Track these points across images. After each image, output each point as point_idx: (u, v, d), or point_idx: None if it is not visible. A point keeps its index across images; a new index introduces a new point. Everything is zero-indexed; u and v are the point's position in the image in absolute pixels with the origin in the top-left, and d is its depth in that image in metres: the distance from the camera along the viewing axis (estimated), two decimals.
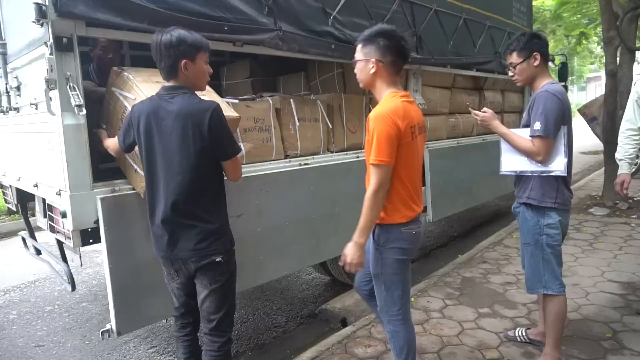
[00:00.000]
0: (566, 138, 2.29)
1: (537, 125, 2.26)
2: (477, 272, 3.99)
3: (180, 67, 1.84)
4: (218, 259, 1.92)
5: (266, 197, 2.75)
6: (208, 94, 2.28)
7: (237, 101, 2.51)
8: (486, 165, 5.08)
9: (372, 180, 1.88)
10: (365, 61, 1.97)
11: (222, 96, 3.32)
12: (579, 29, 11.41)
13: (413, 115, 1.95)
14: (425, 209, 4.17)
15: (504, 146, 2.47)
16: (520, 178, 2.46)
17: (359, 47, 2.01)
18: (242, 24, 2.50)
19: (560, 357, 2.47)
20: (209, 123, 1.80)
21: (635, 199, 6.14)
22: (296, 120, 3.06)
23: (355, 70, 2.04)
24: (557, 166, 2.29)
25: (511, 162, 2.44)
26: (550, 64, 8.98)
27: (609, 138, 6.04)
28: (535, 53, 2.37)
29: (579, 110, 7.17)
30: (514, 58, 2.43)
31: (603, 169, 6.45)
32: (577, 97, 33.65)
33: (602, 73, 7.42)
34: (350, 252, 1.93)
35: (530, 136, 2.30)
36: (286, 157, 3.01)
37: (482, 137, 5.30)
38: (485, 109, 2.58)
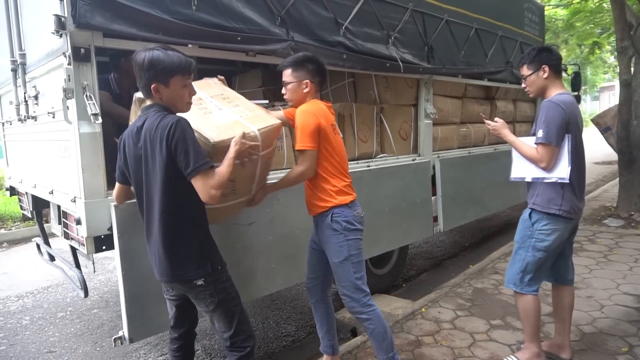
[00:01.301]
0: (570, 146, 2.34)
1: (540, 133, 2.35)
2: (489, 282, 3.95)
3: (151, 90, 1.77)
4: (199, 282, 1.85)
5: (277, 206, 2.76)
6: (243, 106, 2.19)
7: (266, 102, 2.55)
8: (498, 174, 5.05)
9: (302, 163, 2.23)
10: (298, 83, 2.31)
11: None
12: (592, 38, 11.33)
13: (330, 116, 2.36)
14: (436, 219, 4.15)
15: (514, 153, 2.56)
16: (529, 184, 2.53)
17: (288, 71, 2.31)
18: (254, 34, 2.54)
19: (540, 351, 2.54)
20: (167, 137, 1.67)
21: None
22: None
23: (286, 91, 2.33)
24: (560, 173, 2.35)
25: (520, 169, 2.52)
26: (563, 73, 8.86)
27: (623, 148, 5.96)
28: (544, 66, 2.45)
29: (593, 120, 7.09)
30: (525, 70, 2.54)
31: (617, 179, 6.36)
32: (591, 107, 33.31)
33: (616, 82, 7.34)
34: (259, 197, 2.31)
35: (534, 143, 2.40)
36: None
37: (494, 146, 5.27)
38: (496, 118, 2.69)
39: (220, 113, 2.04)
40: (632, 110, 5.87)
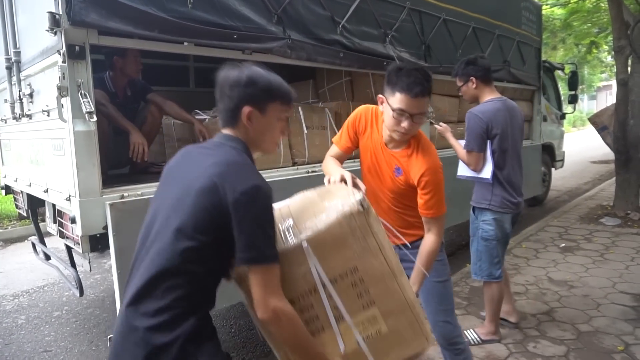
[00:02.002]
0: (492, 150, 2.65)
1: (464, 141, 2.72)
2: None
3: (241, 115, 1.30)
4: None
5: None
6: (384, 302, 1.31)
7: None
8: None
9: (439, 231, 1.86)
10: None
11: None
12: (589, 37, 11.35)
13: None
14: None
15: None
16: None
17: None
18: (251, 32, 2.53)
19: (497, 331, 2.90)
20: (234, 203, 1.15)
21: None
22: (304, 127, 3.08)
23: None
24: (485, 174, 2.70)
25: (462, 168, 2.84)
26: (560, 72, 8.84)
27: (620, 147, 5.97)
28: (471, 77, 2.73)
29: (590, 119, 7.12)
30: (457, 82, 2.83)
31: (614, 178, 6.37)
32: (588, 106, 33.39)
33: (613, 82, 7.36)
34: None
35: None
36: (294, 164, 3.02)
37: None
38: (441, 122, 3.06)
39: (337, 339, 1.25)
40: (629, 110, 5.88)
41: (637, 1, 6.20)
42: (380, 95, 1.83)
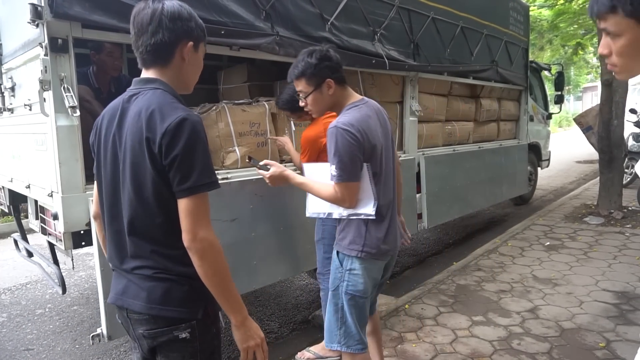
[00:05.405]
0: (371, 174, 1.85)
1: (334, 170, 1.81)
2: (472, 279, 3.98)
3: (178, 51, 1.26)
4: (182, 335, 1.24)
5: (260, 202, 2.74)
6: None
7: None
8: (482, 172, 5.09)
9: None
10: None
11: (218, 100, 3.32)
12: (575, 39, 11.50)
13: None
14: (420, 216, 4.17)
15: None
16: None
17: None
18: (239, 28, 2.50)
19: None
20: (161, 138, 1.15)
21: (629, 208, 6.16)
22: (292, 125, 3.06)
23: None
24: (366, 209, 1.86)
25: (316, 204, 2.02)
26: (547, 73, 8.91)
27: (604, 147, 6.07)
28: (328, 80, 1.86)
29: (575, 120, 7.22)
30: (303, 86, 1.90)
31: (598, 178, 6.47)
32: (574, 107, 33.87)
33: (598, 83, 7.46)
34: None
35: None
36: (281, 161, 3.01)
37: (479, 144, 5.31)
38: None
39: None
40: (613, 110, 5.97)
41: None
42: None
